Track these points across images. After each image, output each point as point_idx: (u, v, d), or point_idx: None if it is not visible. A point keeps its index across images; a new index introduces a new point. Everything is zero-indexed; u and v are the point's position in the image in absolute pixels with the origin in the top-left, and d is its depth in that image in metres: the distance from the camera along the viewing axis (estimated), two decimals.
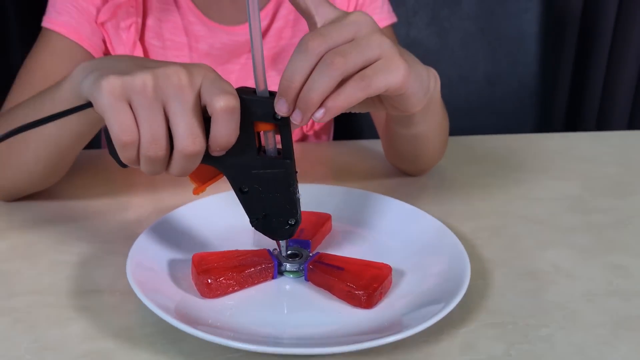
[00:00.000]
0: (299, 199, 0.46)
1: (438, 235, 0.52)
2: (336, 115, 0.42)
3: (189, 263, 0.47)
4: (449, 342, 0.43)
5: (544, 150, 0.79)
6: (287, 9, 0.75)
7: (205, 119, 0.41)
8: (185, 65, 0.41)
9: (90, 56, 0.68)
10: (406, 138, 0.61)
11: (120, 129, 0.40)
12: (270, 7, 0.75)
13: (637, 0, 1.47)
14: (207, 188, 0.46)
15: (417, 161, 0.67)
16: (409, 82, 0.44)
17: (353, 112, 0.48)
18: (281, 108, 0.42)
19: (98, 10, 0.68)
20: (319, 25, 0.44)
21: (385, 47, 0.43)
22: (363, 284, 0.44)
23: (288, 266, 0.48)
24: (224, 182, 0.46)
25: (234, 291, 0.46)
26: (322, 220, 0.53)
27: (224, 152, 0.42)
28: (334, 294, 0.46)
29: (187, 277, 0.47)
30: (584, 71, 1.56)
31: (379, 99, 0.49)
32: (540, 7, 1.16)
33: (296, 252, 0.49)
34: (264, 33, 0.75)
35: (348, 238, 0.54)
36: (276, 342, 0.41)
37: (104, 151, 0.78)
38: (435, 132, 0.61)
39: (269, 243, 0.50)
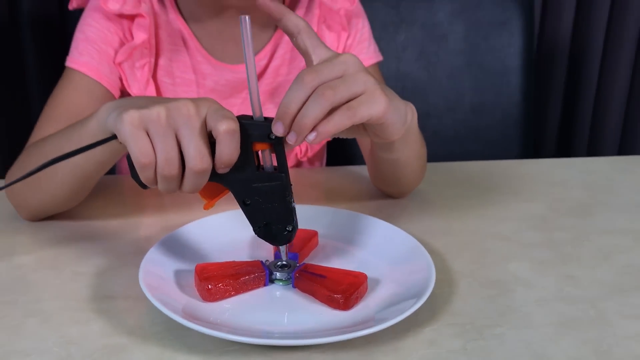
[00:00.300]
0: (295, 208, 0.53)
1: (411, 249, 0.59)
2: (326, 138, 0.50)
3: (192, 272, 0.55)
4: (414, 338, 0.50)
5: (517, 175, 0.87)
6: (283, 49, 0.84)
7: (211, 143, 0.49)
8: (193, 99, 0.49)
9: (108, 92, 0.77)
10: (388, 162, 0.69)
11: (140, 153, 0.48)
12: (268, 48, 0.83)
13: (622, 31, 1.56)
14: (215, 204, 0.53)
15: (399, 184, 0.74)
16: (389, 113, 0.52)
17: (342, 137, 0.56)
18: (278, 129, 0.49)
19: (116, 52, 0.77)
20: (314, 63, 0.53)
21: (369, 83, 0.51)
22: (341, 289, 0.52)
23: (278, 275, 0.55)
24: (225, 202, 0.54)
25: (230, 296, 0.53)
26: (309, 236, 0.61)
27: (228, 170, 0.50)
28: (317, 298, 0.53)
29: (191, 284, 0.54)
30: (574, 100, 1.64)
31: (363, 127, 0.57)
32: (522, 43, 1.24)
33: (287, 263, 0.57)
34: (263, 70, 0.84)
35: (332, 251, 0.62)
36: (267, 335, 0.48)
37: (118, 177, 0.86)
38: (413, 158, 0.69)
39: (262, 255, 0.58)
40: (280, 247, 0.55)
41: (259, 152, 0.52)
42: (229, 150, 0.48)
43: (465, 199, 0.78)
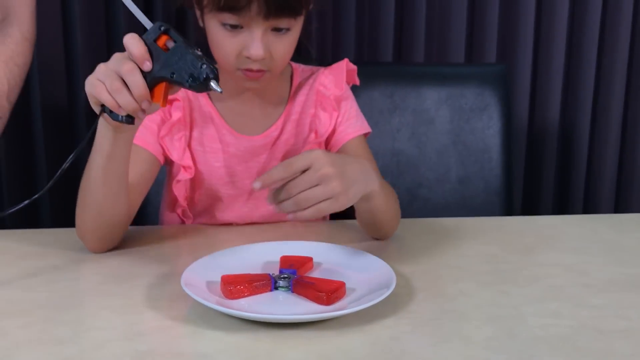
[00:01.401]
0: (200, 54, 0.74)
1: (381, 269, 0.78)
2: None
3: (219, 283, 0.74)
4: (377, 324, 0.68)
5: (480, 227, 1.06)
6: (291, 124, 1.06)
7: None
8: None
9: (153, 156, 0.99)
10: (366, 211, 0.90)
11: (95, 86, 0.74)
12: (280, 122, 1.06)
13: (609, 110, 1.77)
14: (167, 99, 0.76)
15: (378, 228, 0.95)
16: (348, 204, 0.78)
17: None
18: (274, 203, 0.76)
19: (159, 128, 1.00)
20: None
21: (338, 188, 0.76)
22: (325, 289, 0.71)
23: (281, 283, 0.75)
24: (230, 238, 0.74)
25: (245, 296, 0.73)
26: (306, 260, 0.81)
27: (150, 64, 0.73)
28: (308, 299, 0.72)
29: (217, 288, 0.74)
30: (567, 169, 1.83)
31: None
32: (500, 125, 1.46)
33: (287, 276, 0.76)
34: (275, 140, 1.06)
35: (322, 270, 0.82)
36: (270, 314, 0.67)
37: (159, 227, 1.07)
38: (385, 206, 0.90)
39: (270, 271, 0.78)
40: (213, 86, 0.74)
41: (165, 44, 0.74)
42: (135, 47, 0.73)
43: (435, 243, 0.98)
